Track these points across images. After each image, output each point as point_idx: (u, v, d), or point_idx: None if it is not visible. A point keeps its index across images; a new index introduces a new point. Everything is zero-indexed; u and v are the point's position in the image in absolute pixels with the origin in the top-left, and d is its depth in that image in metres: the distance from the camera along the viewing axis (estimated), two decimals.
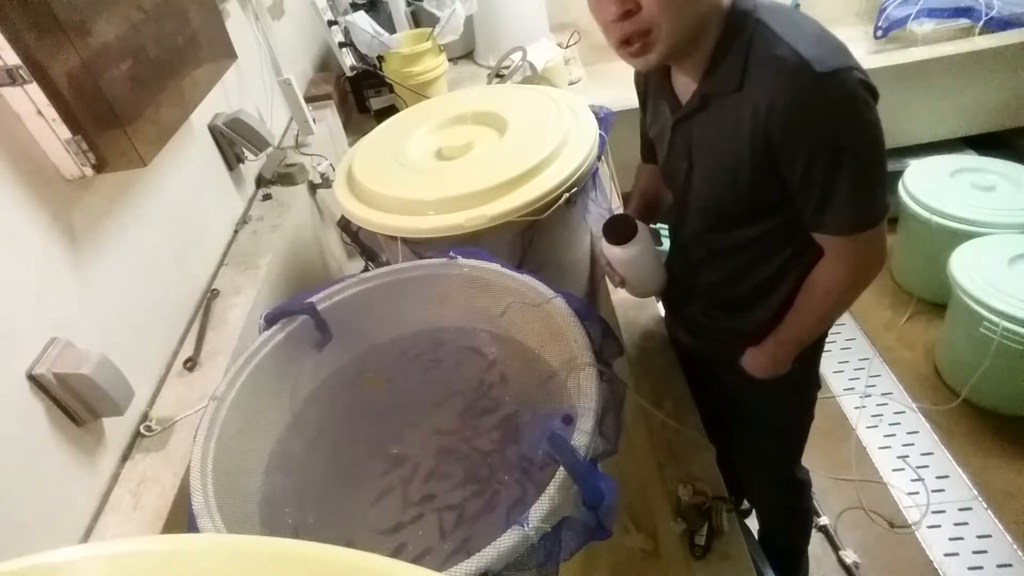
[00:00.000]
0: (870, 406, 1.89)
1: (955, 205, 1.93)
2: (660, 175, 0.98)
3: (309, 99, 1.78)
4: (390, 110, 1.90)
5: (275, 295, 1.22)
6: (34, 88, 0.74)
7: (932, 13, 2.39)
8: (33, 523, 0.73)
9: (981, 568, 1.49)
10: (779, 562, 1.28)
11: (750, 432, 1.11)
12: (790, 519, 1.35)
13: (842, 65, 0.67)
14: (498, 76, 1.82)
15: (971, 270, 1.71)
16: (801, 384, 1.03)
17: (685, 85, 0.82)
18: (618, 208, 1.33)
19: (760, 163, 0.75)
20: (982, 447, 1.73)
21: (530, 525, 0.58)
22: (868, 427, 1.84)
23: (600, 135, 1.12)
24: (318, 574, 0.30)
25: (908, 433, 1.81)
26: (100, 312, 0.89)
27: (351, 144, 1.50)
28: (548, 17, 2.21)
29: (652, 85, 0.91)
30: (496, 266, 0.91)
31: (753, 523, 1.43)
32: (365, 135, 1.28)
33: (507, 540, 0.57)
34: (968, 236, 1.84)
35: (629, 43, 0.73)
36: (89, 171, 0.82)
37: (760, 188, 0.78)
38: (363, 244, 1.25)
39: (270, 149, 1.42)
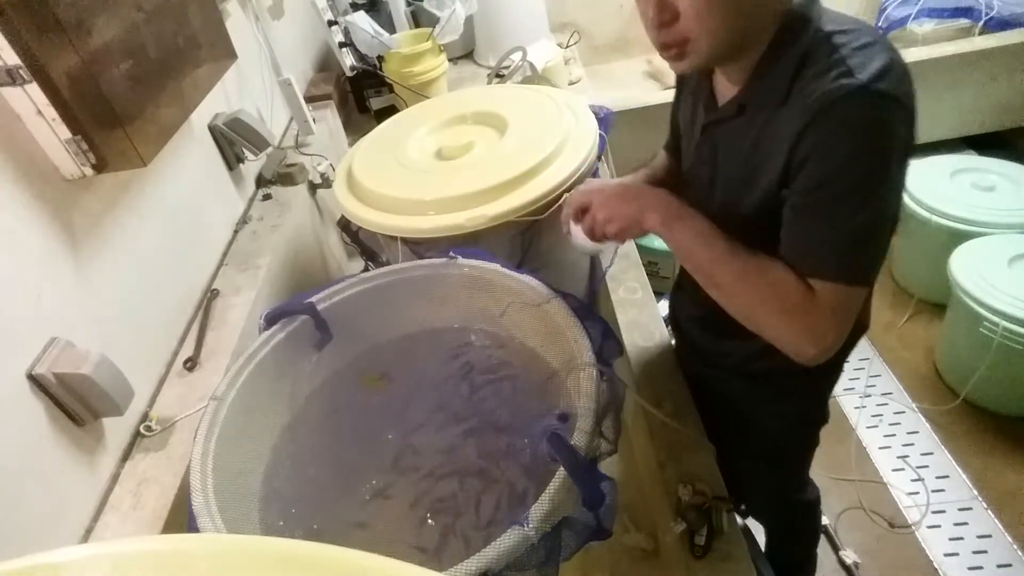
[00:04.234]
0: (870, 406, 1.89)
1: (955, 205, 1.93)
2: (680, 178, 0.92)
3: (309, 99, 1.78)
4: (390, 110, 1.90)
5: (275, 295, 1.22)
6: (34, 88, 0.74)
7: (932, 13, 2.40)
8: (33, 523, 0.73)
9: (981, 568, 1.49)
10: (784, 573, 1.28)
11: (755, 463, 1.08)
12: (796, 536, 1.34)
13: (896, 93, 0.61)
14: (498, 76, 1.82)
15: (971, 270, 1.71)
16: (815, 418, 1.03)
17: (725, 87, 0.77)
18: None
19: (783, 185, 0.70)
20: (982, 447, 1.73)
21: (530, 525, 0.58)
22: (868, 427, 1.84)
23: (600, 135, 1.12)
24: (319, 574, 0.30)
25: (908, 433, 1.81)
26: (100, 312, 0.89)
27: (351, 144, 1.50)
28: (548, 17, 2.20)
29: (692, 78, 0.86)
30: (496, 266, 0.91)
31: (753, 525, 1.43)
32: (365, 135, 1.28)
33: (507, 540, 0.57)
34: (968, 236, 1.84)
35: (667, 48, 0.71)
36: (89, 171, 0.82)
37: (777, 213, 0.72)
38: (363, 244, 1.25)
39: (270, 149, 1.42)
